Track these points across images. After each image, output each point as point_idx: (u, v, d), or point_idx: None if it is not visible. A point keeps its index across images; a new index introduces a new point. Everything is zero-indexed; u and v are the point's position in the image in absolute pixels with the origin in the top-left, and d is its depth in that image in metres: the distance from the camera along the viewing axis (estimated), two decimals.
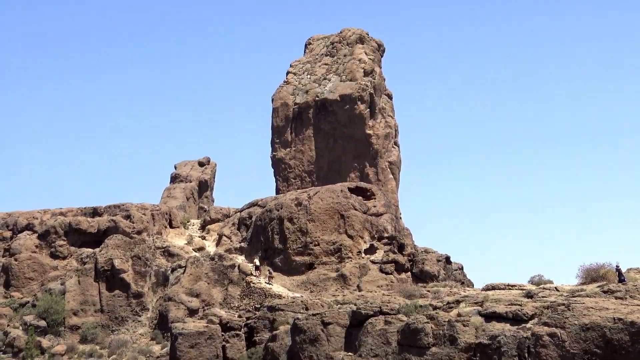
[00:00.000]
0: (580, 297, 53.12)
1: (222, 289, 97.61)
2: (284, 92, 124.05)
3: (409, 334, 52.34)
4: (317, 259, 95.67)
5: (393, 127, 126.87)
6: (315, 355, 54.99)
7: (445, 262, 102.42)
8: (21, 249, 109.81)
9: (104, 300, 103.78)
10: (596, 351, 47.90)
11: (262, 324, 65.43)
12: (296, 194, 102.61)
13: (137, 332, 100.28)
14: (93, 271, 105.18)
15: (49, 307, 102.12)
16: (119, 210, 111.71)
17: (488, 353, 50.05)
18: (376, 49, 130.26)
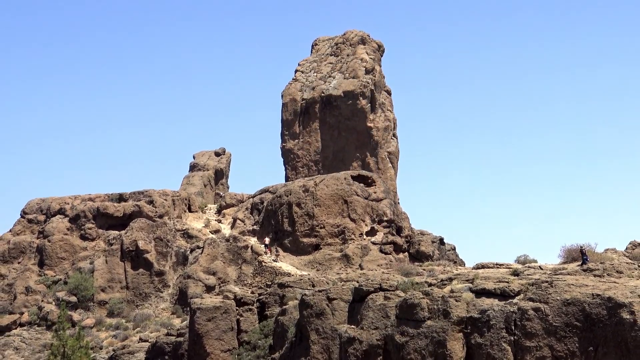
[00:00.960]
0: (562, 275, 53.12)
1: (237, 268, 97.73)
2: (293, 89, 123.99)
3: (406, 309, 52.36)
4: (323, 240, 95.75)
5: (392, 120, 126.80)
6: (321, 327, 55.04)
7: (439, 243, 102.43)
8: (54, 231, 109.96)
9: (129, 278, 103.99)
10: (576, 324, 47.89)
11: (272, 299, 65.48)
12: (304, 181, 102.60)
13: (159, 307, 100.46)
14: (119, 251, 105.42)
15: (79, 284, 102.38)
16: (142, 196, 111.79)
17: (478, 326, 50.05)
18: (376, 49, 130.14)
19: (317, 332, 55.05)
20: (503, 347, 48.99)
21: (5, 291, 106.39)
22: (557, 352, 47.96)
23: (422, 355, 50.75)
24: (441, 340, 50.39)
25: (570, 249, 61.72)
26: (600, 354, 47.29)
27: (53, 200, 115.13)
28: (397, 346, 51.83)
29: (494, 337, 49.43)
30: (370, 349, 52.87)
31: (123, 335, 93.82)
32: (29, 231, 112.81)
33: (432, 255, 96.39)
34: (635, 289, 48.24)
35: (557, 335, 48.12)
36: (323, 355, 54.43)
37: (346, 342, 53.74)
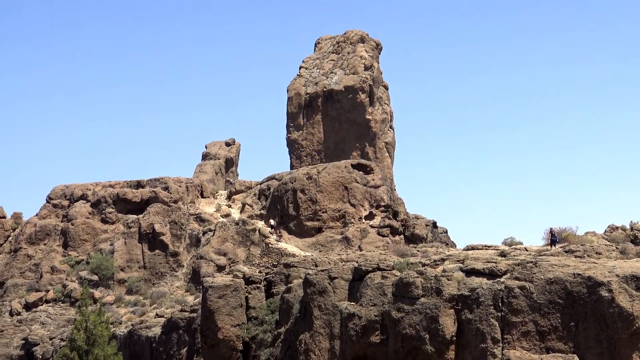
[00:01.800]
0: (546, 256, 53.12)
1: (245, 249, 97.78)
2: (297, 84, 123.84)
3: (402, 287, 52.40)
4: (325, 224, 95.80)
5: (389, 113, 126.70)
6: (323, 304, 55.09)
7: (432, 226, 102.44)
8: (77, 215, 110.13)
9: (146, 259, 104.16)
10: (559, 301, 47.92)
11: (278, 278, 65.54)
12: (307, 169, 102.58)
13: (174, 285, 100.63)
14: (137, 234, 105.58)
15: (100, 264, 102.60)
16: (158, 183, 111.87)
17: (468, 303, 50.09)
18: (375, 47, 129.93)
19: (320, 308, 55.13)
20: (491, 323, 49.03)
21: (32, 270, 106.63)
22: (540, 327, 48.01)
23: (416, 330, 50.80)
24: (434, 316, 50.44)
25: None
26: (580, 329, 47.34)
27: (76, 186, 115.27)
28: (393, 321, 51.90)
29: (482, 313, 49.47)
30: (369, 324, 52.94)
31: (141, 311, 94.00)
32: (54, 215, 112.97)
33: (425, 237, 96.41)
34: (613, 269, 48.26)
35: (541, 312, 48.16)
36: (325, 330, 54.50)
37: (346, 317, 53.80)
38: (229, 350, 61.22)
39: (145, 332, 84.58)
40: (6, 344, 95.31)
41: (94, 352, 73.69)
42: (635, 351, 45.46)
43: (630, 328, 45.74)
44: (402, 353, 51.77)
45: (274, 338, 59.91)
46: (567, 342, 47.49)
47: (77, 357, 73.50)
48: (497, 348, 48.50)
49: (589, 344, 47.02)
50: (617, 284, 46.92)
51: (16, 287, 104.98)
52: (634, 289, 46.67)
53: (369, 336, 52.88)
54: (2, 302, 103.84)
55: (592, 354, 46.80)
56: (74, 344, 74.27)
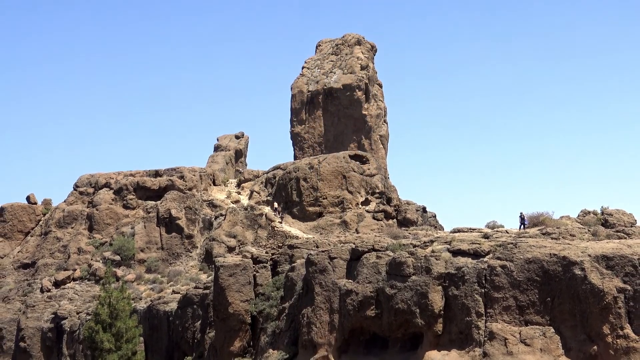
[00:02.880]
0: (525, 237, 53.16)
1: (253, 232, 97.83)
2: (300, 82, 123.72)
3: (395, 266, 52.42)
4: (325, 209, 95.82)
5: (383, 109, 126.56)
6: (323, 282, 55.13)
7: (422, 211, 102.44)
8: (101, 201, 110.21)
9: (163, 240, 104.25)
10: (536, 279, 47.95)
11: (283, 258, 65.60)
12: (309, 159, 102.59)
13: (188, 264, 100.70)
14: (155, 218, 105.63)
15: (122, 245, 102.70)
16: (175, 172, 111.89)
17: (455, 280, 50.12)
18: (370, 49, 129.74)
19: (321, 285, 55.18)
20: (475, 298, 49.08)
21: (60, 251, 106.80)
22: (520, 302, 48.07)
23: (407, 304, 50.83)
24: (424, 292, 50.47)
25: (532, 215, 61.82)
26: (556, 304, 47.40)
27: (100, 175, 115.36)
28: (386, 297, 51.93)
29: (467, 289, 49.51)
30: (365, 300, 52.98)
31: (159, 288, 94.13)
32: (80, 201, 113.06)
33: (416, 221, 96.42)
34: (586, 249, 48.27)
35: (520, 288, 48.20)
36: (325, 305, 54.55)
37: (344, 293, 53.85)
38: (239, 323, 61.32)
39: (163, 307, 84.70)
40: (37, 317, 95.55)
41: (116, 325, 73.81)
42: (605, 324, 45.53)
43: (600, 303, 45.78)
44: (395, 326, 51.84)
45: (279, 312, 59.99)
46: (544, 315, 47.55)
47: (102, 329, 73.62)
48: (481, 321, 48.57)
49: (564, 317, 47.09)
50: (589, 263, 46.94)
51: (46, 266, 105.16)
52: (604, 268, 46.69)
53: (365, 310, 52.93)
54: (34, 280, 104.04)
55: (567, 326, 46.87)
56: (98, 318, 74.39)
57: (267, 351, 57.65)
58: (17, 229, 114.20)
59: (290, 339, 57.05)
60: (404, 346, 51.97)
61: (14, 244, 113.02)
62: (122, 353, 73.90)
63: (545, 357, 46.16)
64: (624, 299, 45.82)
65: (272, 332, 59.09)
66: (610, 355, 45.15)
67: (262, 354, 57.99)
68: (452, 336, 49.64)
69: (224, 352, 61.06)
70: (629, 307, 45.72)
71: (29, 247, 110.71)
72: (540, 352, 46.36)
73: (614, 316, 45.56)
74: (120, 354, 73.77)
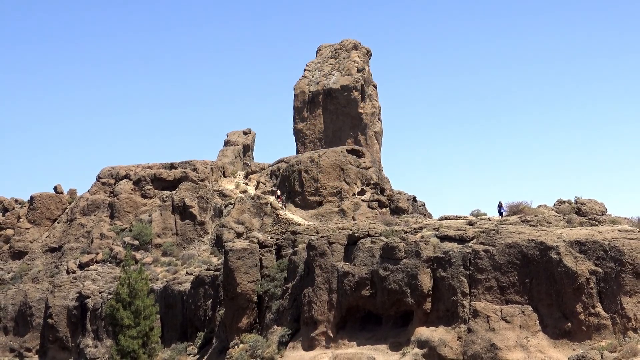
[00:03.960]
0: (506, 224, 53.19)
1: (259, 219, 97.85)
2: (302, 84, 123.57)
3: (388, 250, 52.50)
4: (325, 198, 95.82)
5: (377, 107, 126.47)
6: (323, 264, 55.20)
7: (412, 200, 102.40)
8: (121, 191, 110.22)
9: (178, 227, 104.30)
10: (516, 262, 48.04)
11: (287, 243, 65.61)
12: (310, 153, 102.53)
13: (201, 248, 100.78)
14: (170, 207, 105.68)
15: (140, 231, 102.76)
16: (188, 165, 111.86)
17: (442, 263, 50.20)
18: (365, 54, 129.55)
19: (320, 267, 55.25)
20: (461, 279, 49.17)
21: (84, 237, 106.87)
22: (501, 283, 48.15)
23: (399, 285, 50.92)
24: (414, 274, 50.55)
25: (512, 205, 61.75)
26: (534, 285, 47.49)
27: (121, 168, 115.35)
28: (380, 278, 52.01)
29: (454, 271, 49.59)
30: (360, 281, 53.07)
31: (173, 269, 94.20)
32: (102, 191, 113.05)
33: (407, 209, 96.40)
34: (561, 235, 48.35)
35: (502, 270, 48.28)
36: (325, 285, 54.63)
37: (342, 275, 53.92)
38: (246, 302, 61.40)
39: (177, 287, 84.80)
40: (64, 296, 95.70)
41: (135, 303, 73.88)
42: (578, 303, 45.64)
43: (574, 284, 45.88)
44: (387, 304, 51.94)
45: (282, 292, 60.06)
46: (523, 295, 47.64)
47: (122, 307, 73.70)
48: (466, 300, 48.66)
49: (541, 297, 47.18)
50: (564, 248, 47.02)
51: (72, 250, 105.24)
52: (577, 252, 46.78)
53: (360, 290, 53.02)
54: (60, 262, 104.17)
55: (543, 305, 46.97)
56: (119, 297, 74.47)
57: (272, 327, 57.75)
58: (45, 216, 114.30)
59: (293, 316, 57.14)
60: (396, 323, 52.09)
61: (42, 229, 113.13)
62: (141, 329, 74.00)
63: (524, 333, 46.27)
64: (596, 281, 45.93)
65: (276, 310, 59.15)
66: (582, 332, 45.28)
67: (267, 330, 58.08)
68: (439, 314, 49.75)
69: (233, 328, 61.13)
70: (599, 288, 45.83)
71: (56, 232, 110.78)
72: (519, 328, 46.48)
73: (586, 296, 45.67)
74: (139, 330, 73.88)
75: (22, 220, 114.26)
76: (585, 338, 44.96)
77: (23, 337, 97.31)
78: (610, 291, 45.50)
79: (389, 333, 51.67)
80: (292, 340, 54.80)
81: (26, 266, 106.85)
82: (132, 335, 73.00)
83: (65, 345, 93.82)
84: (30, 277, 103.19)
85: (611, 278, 45.61)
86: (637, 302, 44.93)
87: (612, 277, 45.59)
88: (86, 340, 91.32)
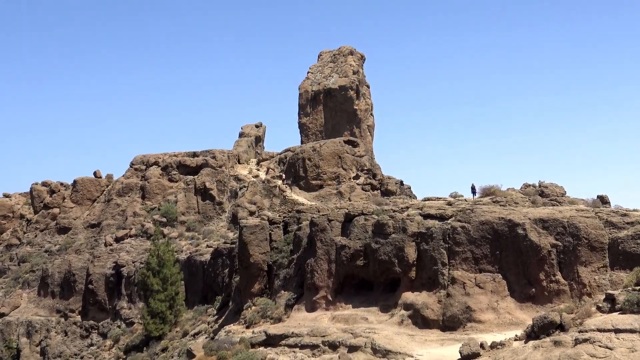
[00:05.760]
0: (479, 205, 53.12)
1: (269, 200, 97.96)
2: (306, 84, 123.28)
3: (379, 226, 52.47)
4: (325, 182, 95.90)
5: (370, 104, 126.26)
6: (323, 238, 55.18)
7: (400, 184, 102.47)
8: (151, 176, 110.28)
9: (199, 206, 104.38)
10: (488, 237, 47.99)
11: (292, 220, 65.58)
12: (312, 144, 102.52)
13: (219, 225, 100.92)
14: (193, 189, 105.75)
15: (167, 210, 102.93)
16: (208, 153, 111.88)
17: (425, 237, 50.17)
18: (360, 58, 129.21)
19: (321, 241, 55.25)
20: (441, 252, 49.15)
21: (120, 215, 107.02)
22: (475, 254, 48.14)
23: (388, 256, 50.92)
24: (401, 247, 50.54)
25: (484, 187, 61.68)
26: (503, 256, 47.48)
27: (151, 156, 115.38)
28: (372, 250, 52.02)
29: (435, 245, 49.58)
30: (355, 252, 53.08)
31: (196, 243, 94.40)
32: (135, 176, 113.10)
33: (395, 192, 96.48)
34: (526, 214, 48.28)
35: (476, 244, 48.25)
36: (325, 256, 54.63)
37: (340, 248, 53.94)
38: (258, 270, 61.46)
39: (199, 257, 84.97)
40: (102, 266, 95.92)
41: (163, 271, 74.20)
42: (541, 271, 45.66)
43: (538, 255, 45.88)
44: (378, 272, 51.96)
45: (289, 262, 60.09)
46: (494, 265, 47.63)
47: (152, 275, 74.02)
48: (445, 269, 48.66)
49: (509, 267, 47.18)
50: (529, 224, 46.97)
51: (109, 226, 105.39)
52: (540, 228, 46.73)
53: (355, 261, 53.04)
54: (99, 236, 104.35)
55: (511, 273, 46.97)
56: (149, 266, 74.76)
57: (280, 292, 57.82)
58: (86, 197, 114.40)
59: (298, 282, 57.19)
60: (385, 289, 52.11)
61: (83, 208, 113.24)
62: (167, 293, 74.35)
63: (494, 297, 46.30)
64: (556, 253, 45.93)
65: (283, 277, 59.21)
66: (544, 296, 45.32)
67: (275, 294, 58.17)
68: (422, 281, 49.76)
69: (247, 292, 61.23)
70: (559, 259, 45.83)
71: (95, 211, 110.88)
72: (490, 293, 46.49)
73: (548, 266, 45.67)
74: (166, 294, 74.24)
75: (66, 201, 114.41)
76: (547, 302, 44.98)
77: (67, 300, 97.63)
78: (568, 262, 45.50)
79: (379, 297, 51.71)
80: (297, 303, 54.86)
81: (70, 240, 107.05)
82: (160, 299, 73.42)
83: (104, 307, 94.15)
84: (73, 249, 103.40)
85: (569, 250, 45.60)
86: (591, 271, 44.93)
87: (570, 250, 45.57)
88: (121, 303, 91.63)
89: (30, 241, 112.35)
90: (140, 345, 73.40)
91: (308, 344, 47.13)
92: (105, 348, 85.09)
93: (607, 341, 33.49)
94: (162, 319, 72.87)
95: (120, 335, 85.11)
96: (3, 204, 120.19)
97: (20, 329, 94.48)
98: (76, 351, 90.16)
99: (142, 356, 68.24)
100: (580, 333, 34.84)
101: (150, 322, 72.26)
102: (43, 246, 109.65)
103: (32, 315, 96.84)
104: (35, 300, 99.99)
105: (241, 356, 44.70)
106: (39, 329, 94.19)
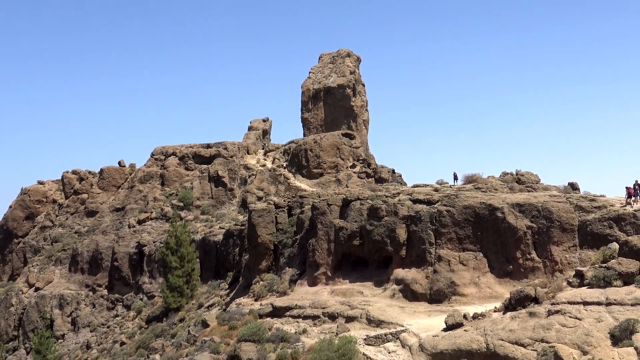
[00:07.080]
0: (463, 191, 53.09)
1: (275, 187, 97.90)
2: (308, 83, 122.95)
3: (373, 210, 52.49)
4: (325, 170, 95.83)
5: (365, 101, 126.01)
6: (323, 221, 55.21)
7: (392, 172, 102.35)
8: (170, 165, 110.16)
9: (213, 192, 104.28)
10: (471, 219, 48.02)
11: (296, 204, 65.59)
12: (314, 136, 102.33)
13: (230, 209, 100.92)
14: (207, 177, 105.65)
15: (184, 195, 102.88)
16: (220, 145, 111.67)
17: (414, 220, 50.19)
18: (356, 60, 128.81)
19: (322, 223, 55.29)
20: (428, 233, 49.19)
21: (142, 200, 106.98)
22: (459, 235, 48.17)
23: (381, 237, 50.98)
24: (393, 229, 50.58)
25: (467, 175, 61.53)
26: (484, 237, 47.52)
27: (169, 147, 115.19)
28: (367, 232, 52.07)
29: (423, 226, 49.61)
30: (352, 233, 53.13)
31: (209, 225, 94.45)
32: (155, 165, 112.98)
33: (388, 179, 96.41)
34: (505, 199, 48.27)
35: (460, 226, 48.29)
36: (325, 237, 54.68)
37: (338, 229, 53.98)
38: (265, 249, 61.52)
39: (213, 238, 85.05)
40: (126, 245, 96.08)
41: (180, 250, 74.28)
42: (517, 250, 45.73)
43: (514, 236, 45.93)
44: (372, 251, 52.04)
45: (292, 242, 60.15)
46: (476, 244, 47.70)
47: (170, 253, 74.09)
48: (432, 248, 48.73)
49: (489, 246, 47.23)
50: (507, 208, 46.98)
51: (132, 210, 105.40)
52: (517, 212, 46.74)
53: (352, 241, 53.10)
54: (124, 219, 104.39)
55: (491, 252, 47.04)
56: (168, 245, 74.81)
57: (285, 269, 57.92)
58: (111, 184, 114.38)
59: (300, 260, 57.27)
60: (379, 266, 52.21)
61: (109, 194, 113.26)
62: (184, 270, 74.45)
63: (476, 273, 46.39)
64: (531, 234, 45.97)
65: (288, 255, 59.29)
66: (521, 272, 45.42)
67: (281, 271, 58.26)
68: (412, 258, 49.85)
69: (255, 269, 61.33)
70: (534, 239, 45.88)
71: (120, 196, 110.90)
72: (473, 270, 46.58)
73: (524, 245, 45.74)
74: (183, 271, 74.34)
75: (94, 187, 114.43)
76: (523, 277, 45.08)
77: (95, 276, 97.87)
78: (542, 242, 45.55)
79: (373, 273, 51.83)
80: (300, 279, 54.97)
81: (97, 222, 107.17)
82: (178, 275, 73.56)
83: (128, 282, 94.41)
84: (100, 230, 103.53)
85: (543, 232, 45.64)
86: (563, 250, 45.00)
87: (544, 231, 45.62)
88: (143, 278, 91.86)
89: (61, 223, 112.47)
90: (160, 316, 73.63)
91: (310, 315, 47.31)
92: (129, 318, 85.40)
93: (576, 312, 33.61)
94: (179, 293, 73.04)
95: (142, 307, 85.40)
96: (37, 190, 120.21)
97: (53, 301, 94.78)
98: (103, 321, 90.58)
99: (161, 326, 68.46)
100: (552, 305, 34.95)
101: (169, 296, 72.43)
102: (73, 228, 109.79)
103: (63, 289, 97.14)
104: (67, 276, 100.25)
105: (250, 326, 44.89)
106: (70, 301, 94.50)
